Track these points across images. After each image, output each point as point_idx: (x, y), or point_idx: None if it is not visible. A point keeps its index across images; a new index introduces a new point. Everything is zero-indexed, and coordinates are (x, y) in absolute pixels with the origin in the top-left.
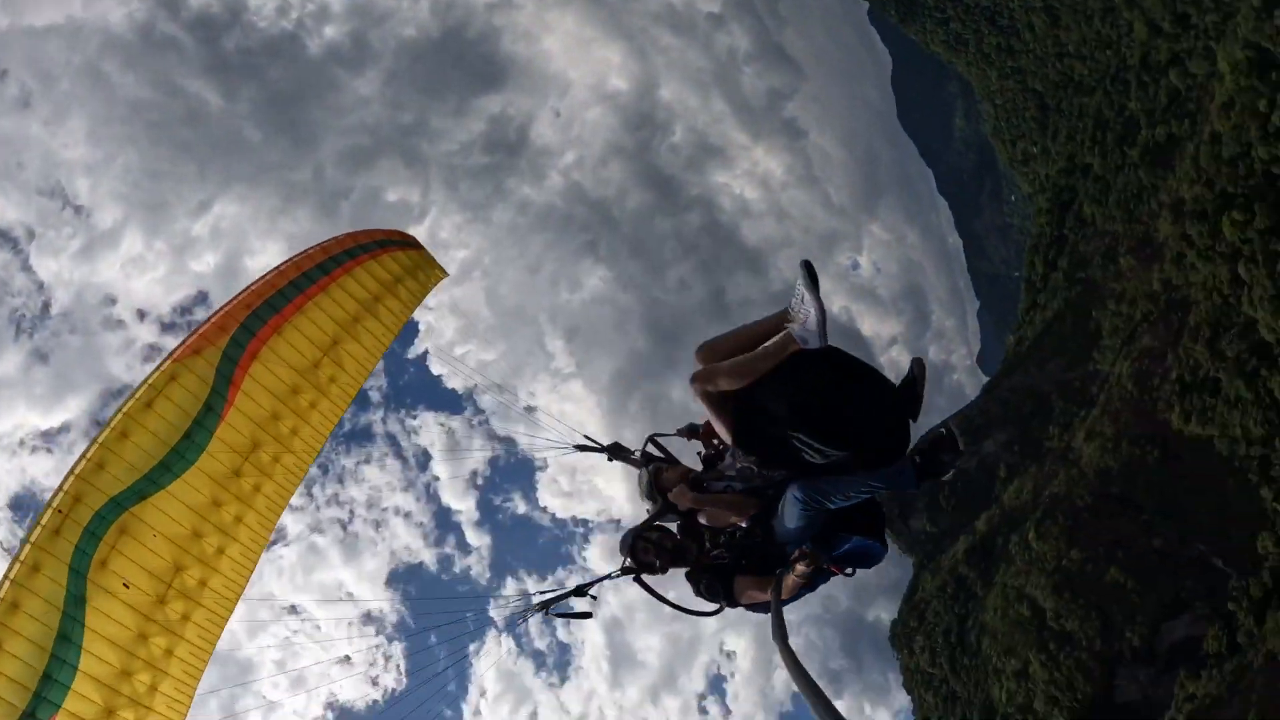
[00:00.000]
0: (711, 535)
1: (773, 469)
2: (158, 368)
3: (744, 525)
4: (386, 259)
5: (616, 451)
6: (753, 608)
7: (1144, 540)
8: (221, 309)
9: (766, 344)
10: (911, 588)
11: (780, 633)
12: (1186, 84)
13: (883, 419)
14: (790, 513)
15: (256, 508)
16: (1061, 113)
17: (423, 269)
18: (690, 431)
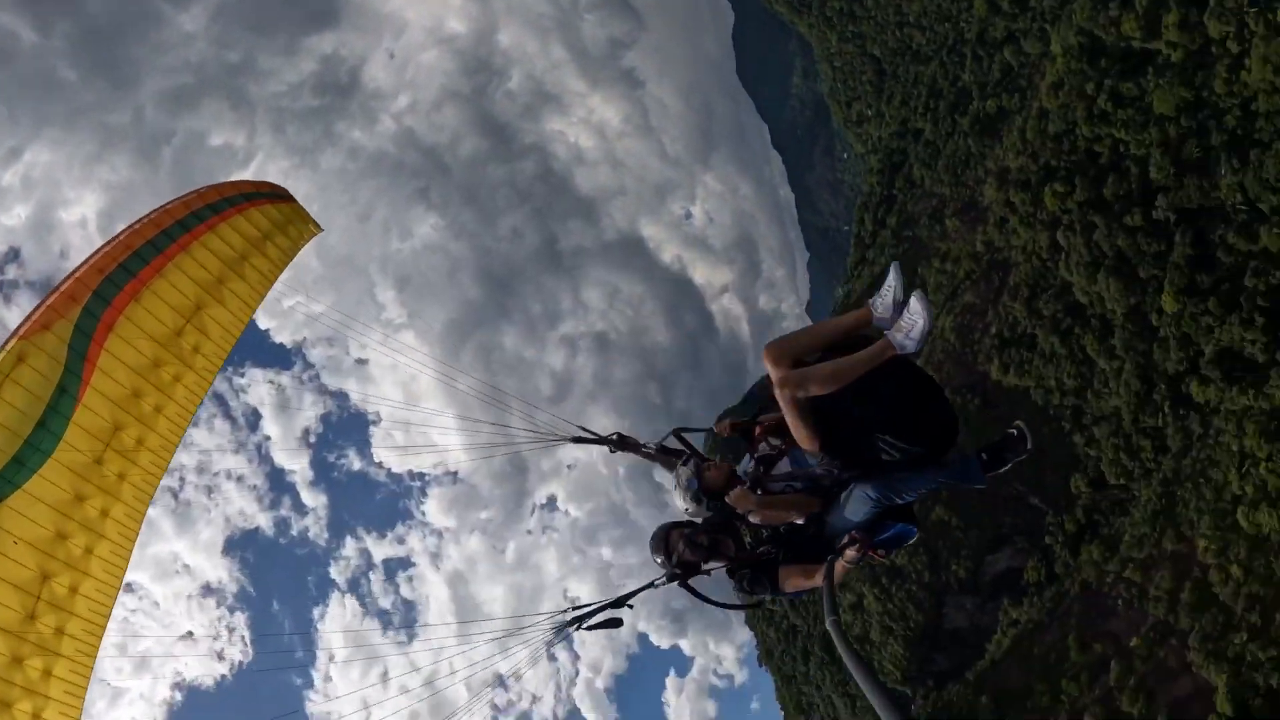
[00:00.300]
0: (754, 531)
1: (852, 470)
2: (2, 347)
3: (799, 521)
4: (254, 213)
5: (622, 444)
6: (796, 594)
7: None
8: (71, 275)
9: (864, 351)
10: None
11: (834, 614)
12: (1020, 61)
13: (949, 418)
14: (857, 508)
15: (123, 498)
16: (897, 79)
17: (294, 224)
18: (733, 427)
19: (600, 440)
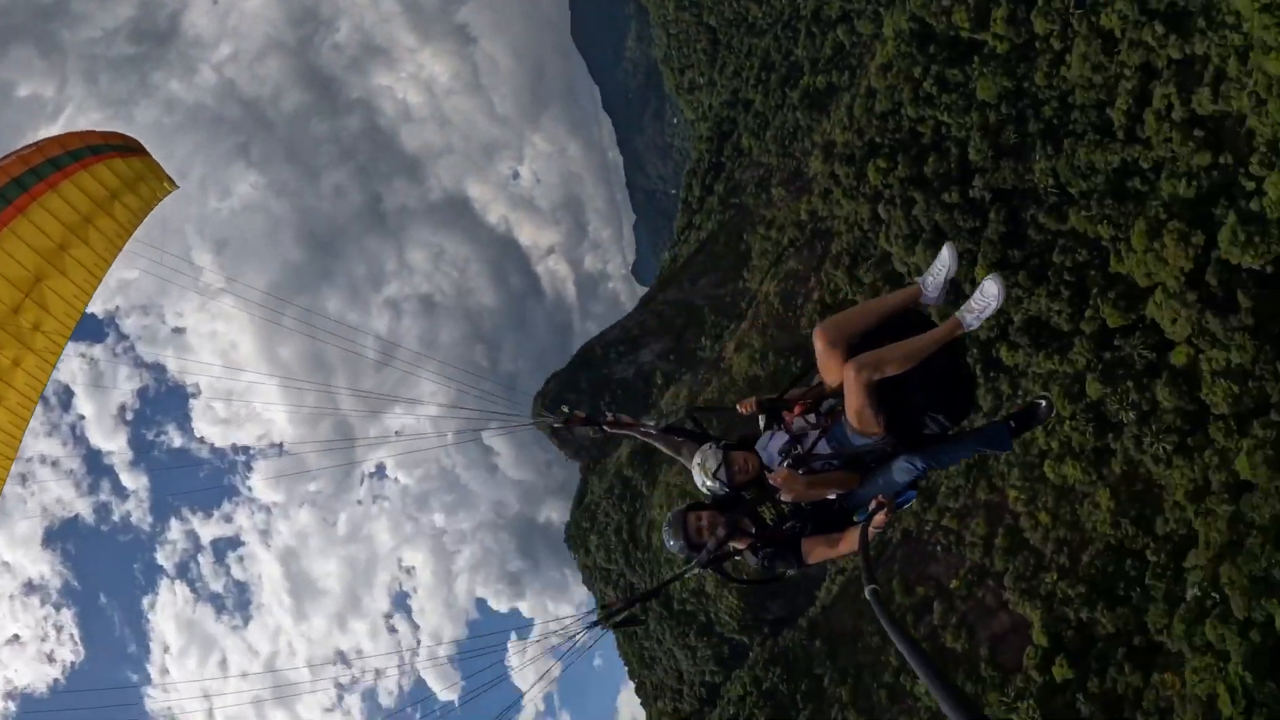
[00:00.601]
0: (775, 507)
1: (902, 445)
2: None
3: (832, 497)
4: (101, 169)
5: (616, 424)
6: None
7: None
8: None
9: (936, 331)
10: (581, 492)
11: (873, 581)
12: (852, 40)
13: (975, 393)
14: (899, 479)
15: None
16: (731, 49)
17: (147, 180)
18: (760, 404)
19: (590, 421)
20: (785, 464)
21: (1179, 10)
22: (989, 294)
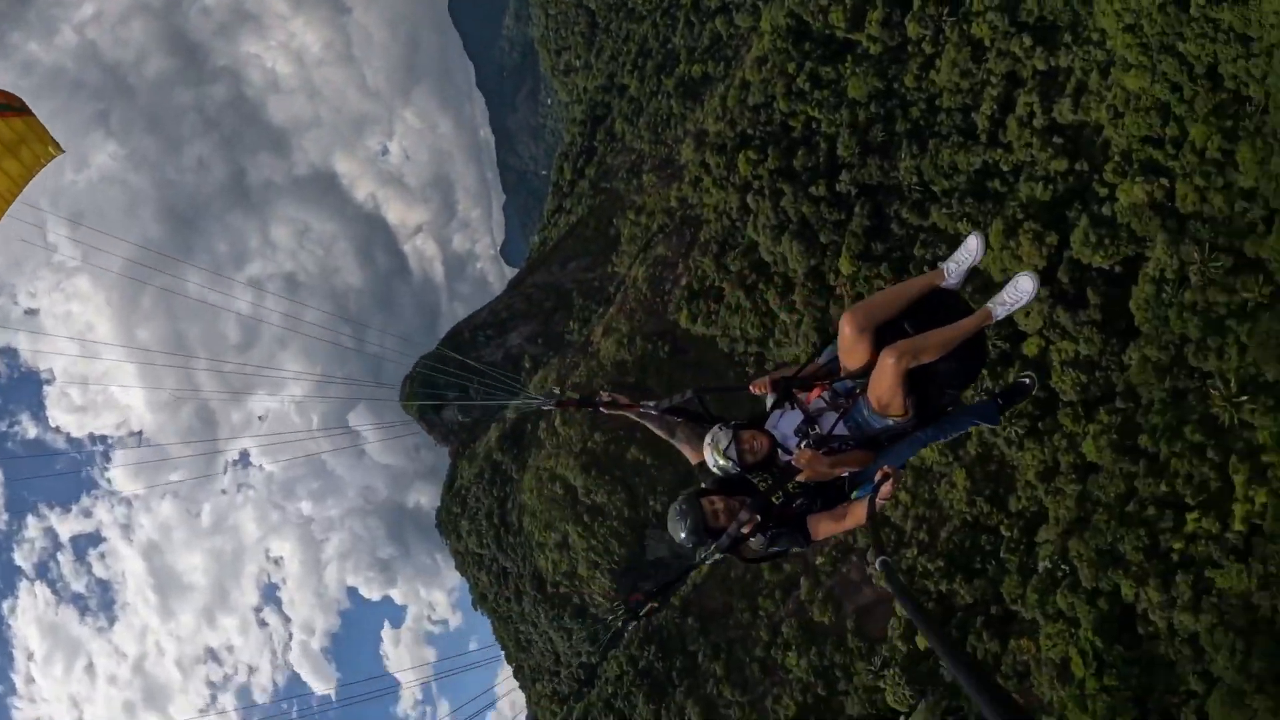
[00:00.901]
0: (784, 487)
1: (921, 424)
2: None
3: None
4: None
5: (614, 405)
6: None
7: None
8: None
9: (969, 320)
10: (451, 476)
11: (883, 552)
12: (729, 32)
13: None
14: (908, 452)
15: None
16: (609, 33)
17: (29, 143)
18: (774, 384)
19: (584, 403)
20: (805, 445)
21: (1048, 24)
22: (1023, 289)
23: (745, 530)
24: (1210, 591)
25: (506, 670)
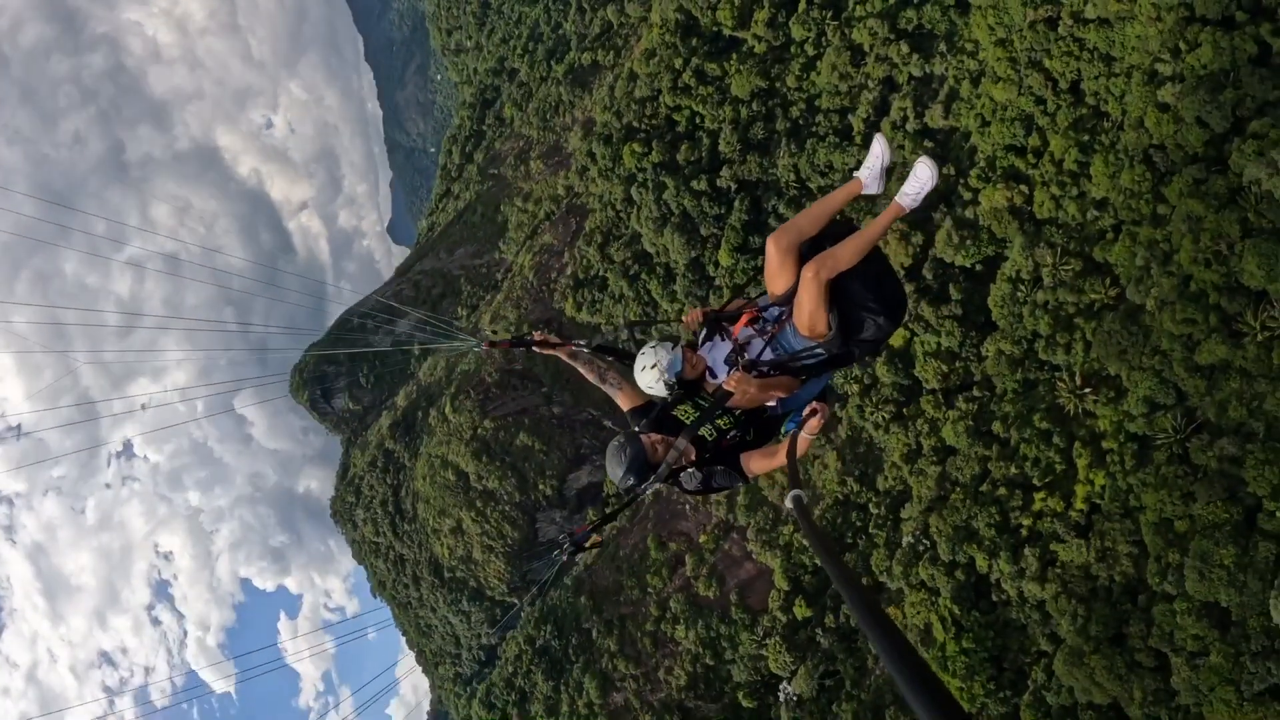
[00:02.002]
0: (715, 422)
1: (846, 348)
2: None
3: (772, 404)
4: None
5: (544, 344)
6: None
7: (546, 408)
8: None
9: (880, 220)
10: (344, 465)
11: (798, 486)
12: (620, 20)
13: (903, 291)
14: (822, 384)
15: None
16: (501, 15)
17: None
18: (705, 315)
19: (518, 342)
20: (732, 370)
21: (925, 32)
22: (922, 176)
23: (684, 461)
24: (1055, 563)
25: (407, 656)
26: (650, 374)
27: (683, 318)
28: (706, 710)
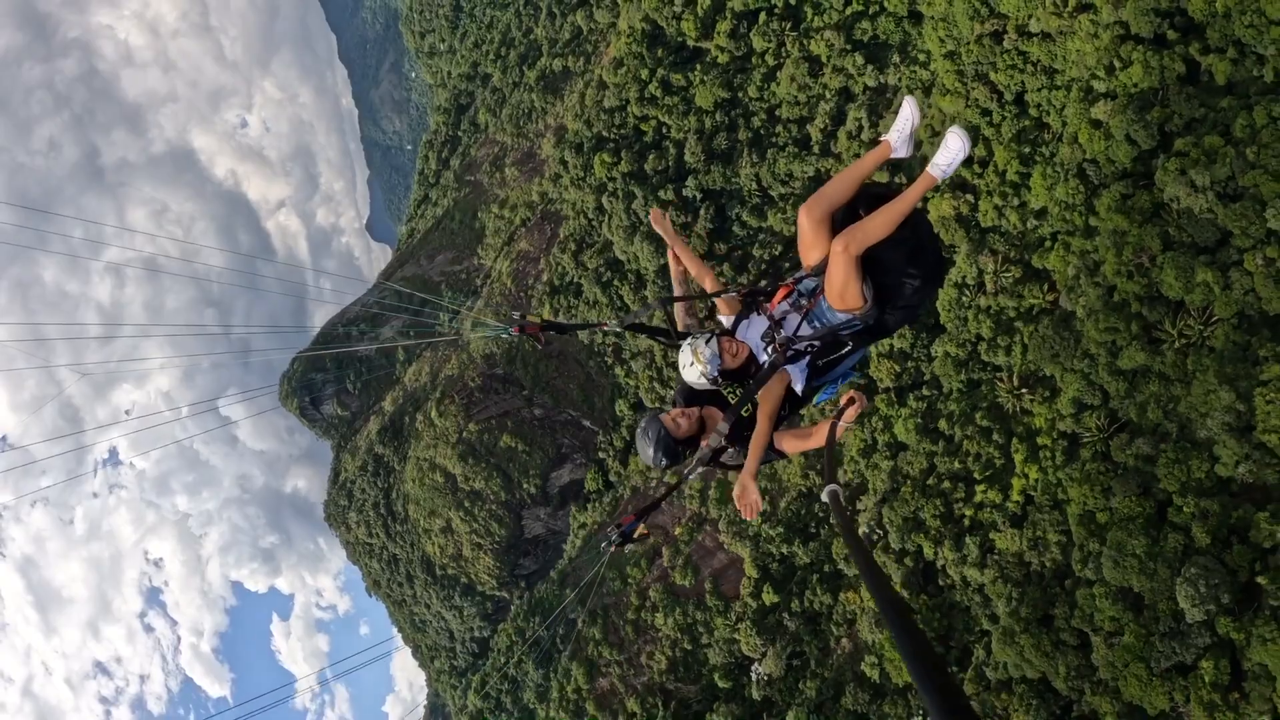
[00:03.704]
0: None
1: (882, 318)
2: None
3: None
4: None
5: (561, 328)
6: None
7: (527, 410)
8: None
9: (911, 190)
10: (335, 470)
11: (832, 477)
12: (590, 26)
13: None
14: (859, 356)
15: None
16: (474, 19)
17: None
18: (742, 294)
19: (550, 327)
20: (771, 348)
21: (880, 43)
22: (953, 147)
23: (722, 441)
24: (993, 551)
25: (402, 653)
26: (692, 371)
27: (717, 298)
28: (686, 691)
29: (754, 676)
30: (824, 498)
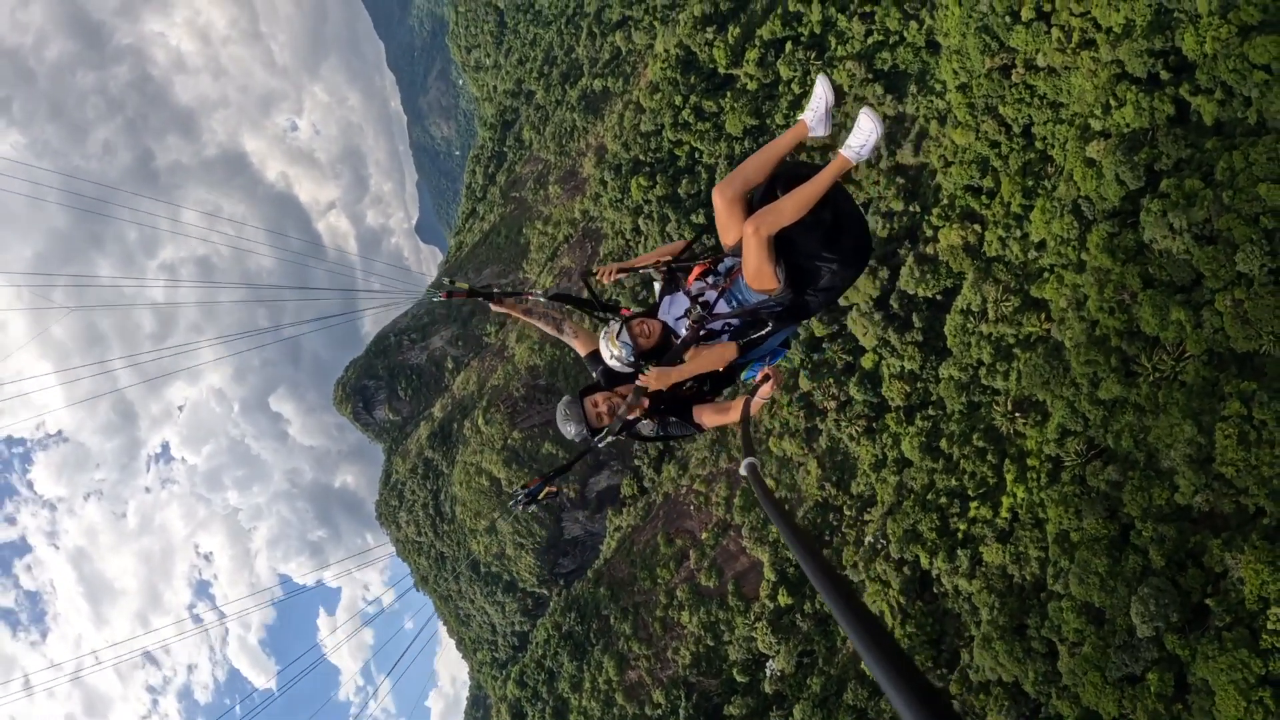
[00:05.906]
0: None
1: (801, 300)
2: None
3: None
4: None
5: (501, 296)
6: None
7: None
8: None
9: (824, 172)
10: (386, 471)
11: (750, 450)
12: (628, 47)
13: (867, 232)
14: (785, 334)
15: None
16: (518, 35)
17: None
18: (657, 267)
19: (473, 293)
20: (687, 324)
21: (899, 73)
22: (865, 128)
23: (631, 415)
24: (981, 563)
25: (446, 648)
26: (615, 362)
27: (594, 270)
28: (707, 685)
29: (768, 672)
30: (742, 471)
